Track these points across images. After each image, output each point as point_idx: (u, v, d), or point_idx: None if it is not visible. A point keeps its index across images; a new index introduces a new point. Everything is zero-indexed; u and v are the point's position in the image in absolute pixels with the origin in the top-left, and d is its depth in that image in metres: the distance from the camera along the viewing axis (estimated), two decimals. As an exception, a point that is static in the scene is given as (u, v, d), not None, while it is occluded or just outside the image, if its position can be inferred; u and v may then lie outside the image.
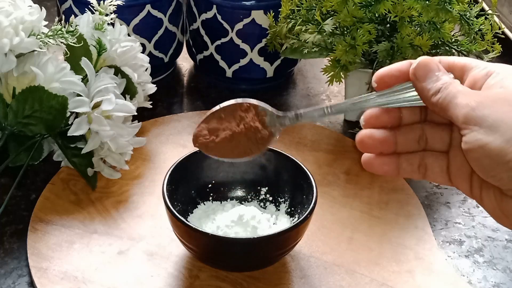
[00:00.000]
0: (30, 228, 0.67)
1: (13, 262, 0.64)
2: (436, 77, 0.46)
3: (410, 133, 0.50)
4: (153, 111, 0.84)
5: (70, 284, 0.61)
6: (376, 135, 0.50)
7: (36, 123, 0.70)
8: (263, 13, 0.86)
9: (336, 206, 0.71)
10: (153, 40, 0.88)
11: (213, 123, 0.52)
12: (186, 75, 0.97)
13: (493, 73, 0.46)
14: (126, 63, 0.76)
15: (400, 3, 0.73)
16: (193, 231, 0.59)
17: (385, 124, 0.50)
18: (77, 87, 0.70)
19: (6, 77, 0.70)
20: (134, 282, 0.62)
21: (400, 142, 0.50)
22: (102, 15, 0.75)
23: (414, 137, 0.50)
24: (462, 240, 0.69)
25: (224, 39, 0.88)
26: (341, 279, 0.63)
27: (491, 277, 0.65)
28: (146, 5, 0.86)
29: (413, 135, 0.50)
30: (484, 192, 0.47)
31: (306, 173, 0.64)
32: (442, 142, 0.49)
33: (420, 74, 0.47)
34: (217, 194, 0.69)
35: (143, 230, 0.67)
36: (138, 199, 0.71)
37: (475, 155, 0.44)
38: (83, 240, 0.66)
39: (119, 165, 0.74)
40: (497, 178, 0.44)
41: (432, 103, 0.46)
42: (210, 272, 0.63)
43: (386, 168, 0.51)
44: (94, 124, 0.69)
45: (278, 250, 0.61)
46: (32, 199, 0.72)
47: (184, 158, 0.66)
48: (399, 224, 0.69)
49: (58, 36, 0.69)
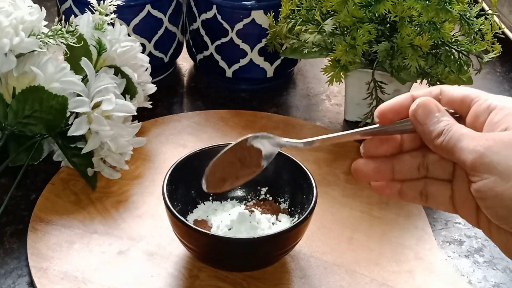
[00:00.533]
0: (30, 228, 0.67)
1: (13, 262, 0.64)
2: (437, 119, 0.45)
3: (410, 161, 0.49)
4: (153, 111, 0.84)
5: (70, 284, 0.61)
6: (371, 164, 0.49)
7: (36, 123, 0.70)
8: (263, 13, 0.86)
9: (336, 206, 0.71)
10: (153, 40, 0.88)
11: (220, 170, 0.54)
12: (186, 75, 0.97)
13: (496, 108, 0.45)
14: (126, 63, 0.76)
15: (400, 3, 0.73)
16: (193, 231, 0.59)
17: (385, 153, 0.49)
18: (77, 87, 0.70)
19: (6, 77, 0.70)
20: (134, 282, 0.62)
21: (399, 170, 0.49)
22: (102, 15, 0.75)
23: (413, 165, 0.49)
24: (462, 240, 0.69)
25: (224, 39, 0.88)
26: (341, 279, 0.63)
27: (491, 277, 0.65)
28: (146, 5, 0.86)
29: (412, 163, 0.49)
30: (493, 227, 0.46)
31: (306, 173, 0.64)
32: (444, 171, 0.49)
33: (420, 116, 0.46)
34: (217, 194, 0.69)
35: (143, 230, 0.67)
36: (138, 199, 0.71)
37: (489, 204, 0.43)
38: (83, 240, 0.66)
39: (119, 165, 0.74)
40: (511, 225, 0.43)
41: (436, 145, 0.45)
42: (210, 272, 0.63)
43: (388, 192, 0.50)
44: (94, 124, 0.69)
45: (278, 250, 0.61)
46: (32, 199, 0.72)
47: (184, 158, 0.66)
48: (399, 224, 0.69)
49: (58, 36, 0.69)
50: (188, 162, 0.66)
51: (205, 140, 0.80)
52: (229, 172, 0.54)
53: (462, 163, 0.44)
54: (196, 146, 0.69)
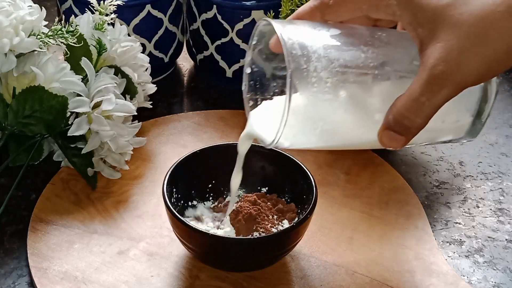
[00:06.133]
0: (30, 228, 0.67)
1: (13, 262, 0.64)
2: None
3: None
4: (153, 111, 0.84)
5: (70, 284, 0.61)
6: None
7: (36, 123, 0.70)
8: (263, 13, 0.86)
9: (336, 206, 0.71)
10: (153, 40, 0.88)
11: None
12: (186, 75, 0.97)
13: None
14: (126, 63, 0.76)
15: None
16: (193, 231, 0.59)
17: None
18: (77, 87, 0.70)
19: (6, 77, 0.71)
20: (134, 282, 0.62)
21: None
22: (102, 15, 0.75)
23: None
24: (462, 240, 0.69)
25: (224, 39, 0.88)
26: (341, 279, 0.63)
27: (491, 277, 0.65)
28: (146, 5, 0.86)
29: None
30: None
31: (306, 173, 0.64)
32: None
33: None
34: (217, 194, 0.69)
35: (143, 230, 0.67)
36: (138, 199, 0.71)
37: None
38: (83, 240, 0.66)
39: (119, 165, 0.74)
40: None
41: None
42: (210, 272, 0.63)
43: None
44: (94, 124, 0.69)
45: (278, 250, 0.61)
46: (32, 199, 0.72)
47: (184, 158, 0.66)
48: (399, 224, 0.69)
49: (58, 36, 0.69)
50: (188, 162, 0.66)
51: (205, 140, 0.80)
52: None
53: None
54: (196, 146, 0.69)
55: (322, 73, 0.48)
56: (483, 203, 0.73)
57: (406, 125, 0.49)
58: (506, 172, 0.78)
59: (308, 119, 0.50)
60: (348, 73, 0.49)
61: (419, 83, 0.47)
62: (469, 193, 0.75)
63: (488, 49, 0.46)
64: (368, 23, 0.54)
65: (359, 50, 0.50)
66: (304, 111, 0.49)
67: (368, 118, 0.51)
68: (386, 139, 0.50)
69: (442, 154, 0.81)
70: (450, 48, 0.46)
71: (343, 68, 0.49)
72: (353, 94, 0.50)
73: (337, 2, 0.52)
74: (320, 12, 0.53)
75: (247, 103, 0.57)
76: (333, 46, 0.50)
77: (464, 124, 0.56)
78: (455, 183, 0.76)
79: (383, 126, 0.50)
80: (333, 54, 0.49)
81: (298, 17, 0.53)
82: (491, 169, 0.79)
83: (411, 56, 0.51)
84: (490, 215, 0.72)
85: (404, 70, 0.52)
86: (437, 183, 0.76)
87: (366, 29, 0.53)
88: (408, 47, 0.52)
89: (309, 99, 0.49)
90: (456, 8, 0.47)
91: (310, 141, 0.52)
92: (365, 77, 0.50)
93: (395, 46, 0.52)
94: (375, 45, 0.51)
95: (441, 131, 0.56)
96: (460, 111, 0.55)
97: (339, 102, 0.50)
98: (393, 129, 0.49)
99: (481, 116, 0.56)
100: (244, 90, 0.57)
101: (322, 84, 0.49)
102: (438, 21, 0.47)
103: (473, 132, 0.57)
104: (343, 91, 0.50)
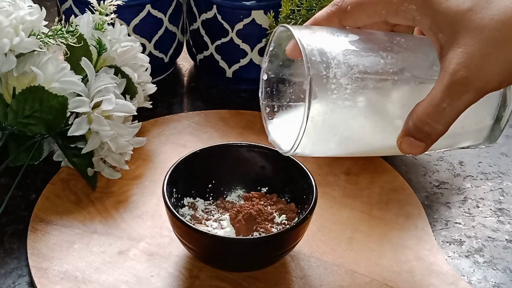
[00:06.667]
0: (30, 228, 0.67)
1: (13, 262, 0.64)
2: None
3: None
4: (153, 111, 0.84)
5: (70, 284, 0.61)
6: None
7: (36, 123, 0.70)
8: (263, 13, 0.86)
9: (336, 206, 0.71)
10: (153, 40, 0.88)
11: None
12: (186, 75, 0.97)
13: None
14: (126, 63, 0.76)
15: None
16: (193, 231, 0.59)
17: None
18: (77, 87, 0.70)
19: (6, 77, 0.71)
20: (134, 282, 0.62)
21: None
22: (102, 15, 0.75)
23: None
24: (462, 240, 0.69)
25: (224, 39, 0.88)
26: (341, 279, 0.63)
27: (491, 277, 0.65)
28: (146, 5, 0.86)
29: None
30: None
31: (306, 173, 0.64)
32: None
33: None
34: (217, 194, 0.69)
35: (143, 230, 0.67)
36: (138, 199, 0.71)
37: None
38: (83, 240, 0.66)
39: (119, 165, 0.74)
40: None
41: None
42: (210, 272, 0.63)
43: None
44: (94, 124, 0.69)
45: (278, 250, 0.61)
46: (32, 199, 0.72)
47: (184, 158, 0.66)
48: (399, 224, 0.69)
49: (58, 36, 0.69)
50: (188, 162, 0.66)
51: (205, 140, 0.80)
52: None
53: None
54: (196, 146, 0.69)
55: (342, 79, 0.48)
56: (483, 203, 0.73)
57: (427, 131, 0.48)
58: (506, 172, 0.78)
59: (327, 126, 0.49)
60: (368, 79, 0.49)
61: (440, 88, 0.47)
62: (469, 193, 0.75)
63: (510, 54, 0.46)
64: (386, 28, 0.53)
65: (378, 55, 0.50)
66: (323, 118, 0.49)
67: (388, 124, 0.51)
68: (406, 145, 0.49)
69: (442, 154, 0.81)
70: (471, 53, 0.46)
71: (363, 74, 0.48)
72: (372, 100, 0.49)
73: (355, 7, 0.51)
74: (338, 17, 0.52)
75: (264, 110, 0.57)
76: (352, 52, 0.49)
77: (483, 129, 0.55)
78: (455, 183, 0.76)
79: (403, 133, 0.49)
80: (352, 60, 0.49)
81: (315, 23, 0.53)
82: (491, 169, 0.79)
83: (431, 62, 0.51)
84: (490, 215, 0.72)
85: (423, 75, 0.51)
86: (437, 183, 0.76)
87: (385, 34, 0.52)
88: (427, 52, 0.51)
89: (329, 106, 0.48)
90: (476, 12, 0.46)
91: (328, 148, 0.52)
92: (384, 83, 0.49)
93: (414, 51, 0.52)
94: (394, 50, 0.51)
95: (460, 137, 0.55)
96: (479, 117, 0.54)
97: (359, 109, 0.49)
98: (413, 135, 0.48)
99: (500, 122, 0.55)
100: (260, 97, 0.57)
101: (341, 91, 0.48)
102: (459, 26, 0.46)
103: (491, 138, 0.56)
104: (362, 97, 0.49)
